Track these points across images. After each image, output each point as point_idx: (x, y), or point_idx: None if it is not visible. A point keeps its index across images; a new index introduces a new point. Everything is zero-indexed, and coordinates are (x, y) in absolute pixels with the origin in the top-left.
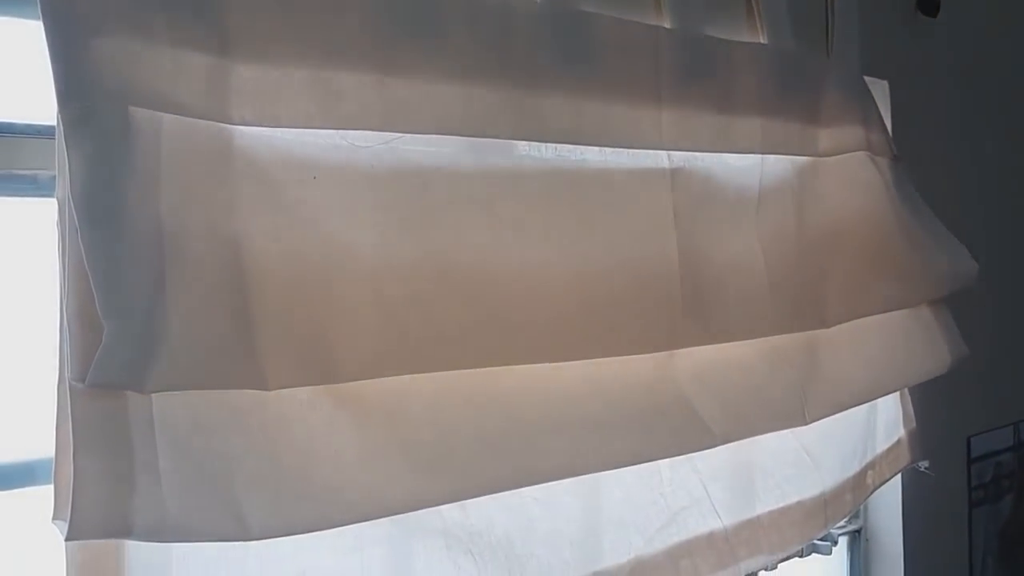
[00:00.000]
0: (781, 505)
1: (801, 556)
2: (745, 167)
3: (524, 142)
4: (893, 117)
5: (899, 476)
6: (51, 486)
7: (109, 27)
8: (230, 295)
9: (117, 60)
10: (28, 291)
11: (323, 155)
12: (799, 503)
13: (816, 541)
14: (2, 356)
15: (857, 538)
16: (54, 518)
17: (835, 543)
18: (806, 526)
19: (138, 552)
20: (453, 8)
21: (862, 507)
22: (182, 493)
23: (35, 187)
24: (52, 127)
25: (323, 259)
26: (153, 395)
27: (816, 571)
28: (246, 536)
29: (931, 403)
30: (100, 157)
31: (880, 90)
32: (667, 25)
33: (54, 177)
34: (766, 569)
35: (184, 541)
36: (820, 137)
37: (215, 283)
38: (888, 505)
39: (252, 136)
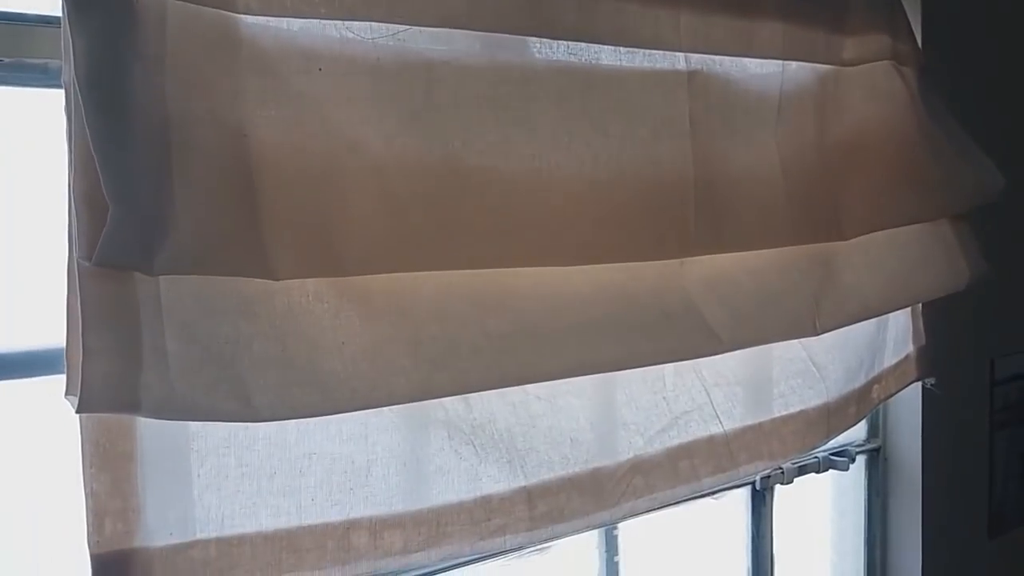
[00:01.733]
0: (783, 413)
1: (818, 472)
2: (766, 73)
3: (536, 40)
4: (924, 26)
5: (919, 396)
6: None
7: None
8: (236, 184)
9: None
10: (39, 179)
11: (328, 47)
12: (802, 412)
13: (833, 457)
14: (19, 245)
15: (876, 457)
16: (66, 394)
17: (853, 460)
18: (808, 435)
19: (149, 431)
20: None
21: (881, 426)
22: (189, 373)
23: (45, 76)
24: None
25: (328, 152)
26: (161, 278)
27: (834, 488)
28: (254, 417)
29: (954, 323)
30: (104, 41)
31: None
32: None
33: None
34: (780, 481)
35: (191, 419)
36: (845, 45)
37: (221, 171)
38: (907, 425)
39: (257, 26)
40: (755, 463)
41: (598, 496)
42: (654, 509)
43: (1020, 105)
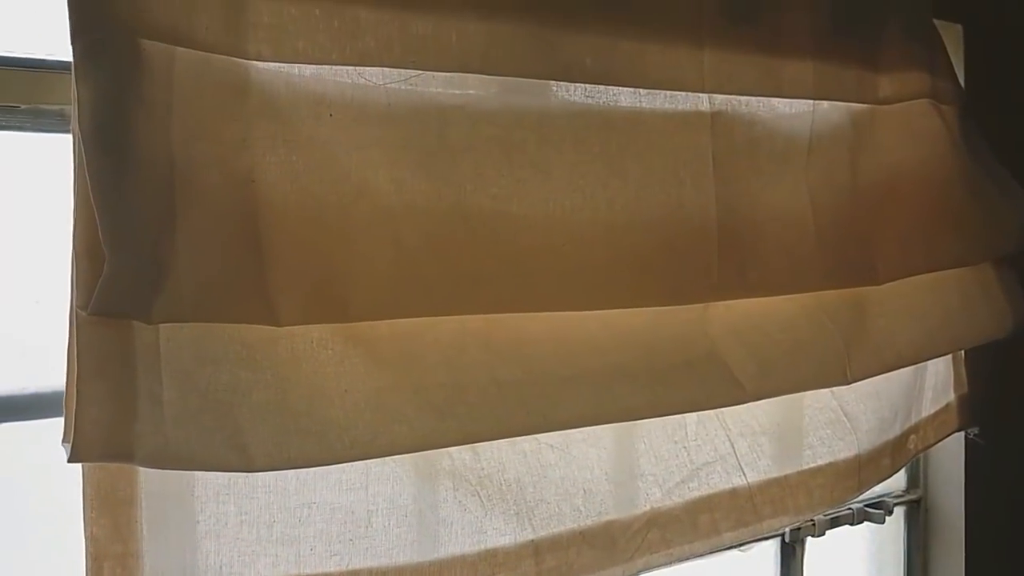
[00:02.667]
0: (811, 466)
1: (852, 524)
2: (795, 113)
3: (552, 83)
4: (966, 64)
5: (962, 445)
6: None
7: None
8: (242, 230)
9: None
10: (54, 224)
11: (340, 92)
12: (831, 464)
13: (868, 509)
14: (31, 289)
15: (916, 508)
16: (63, 441)
17: (890, 512)
18: (837, 488)
19: (151, 476)
20: None
21: (921, 476)
22: (185, 422)
23: (62, 122)
24: None
25: (338, 197)
26: (160, 326)
27: (871, 541)
28: (249, 467)
29: (1008, 369)
30: (110, 89)
31: (953, 35)
32: None
33: None
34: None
35: (186, 469)
36: (880, 83)
37: (227, 217)
38: (950, 475)
39: (269, 72)
40: (780, 517)
41: (611, 551)
42: (670, 564)
43: None
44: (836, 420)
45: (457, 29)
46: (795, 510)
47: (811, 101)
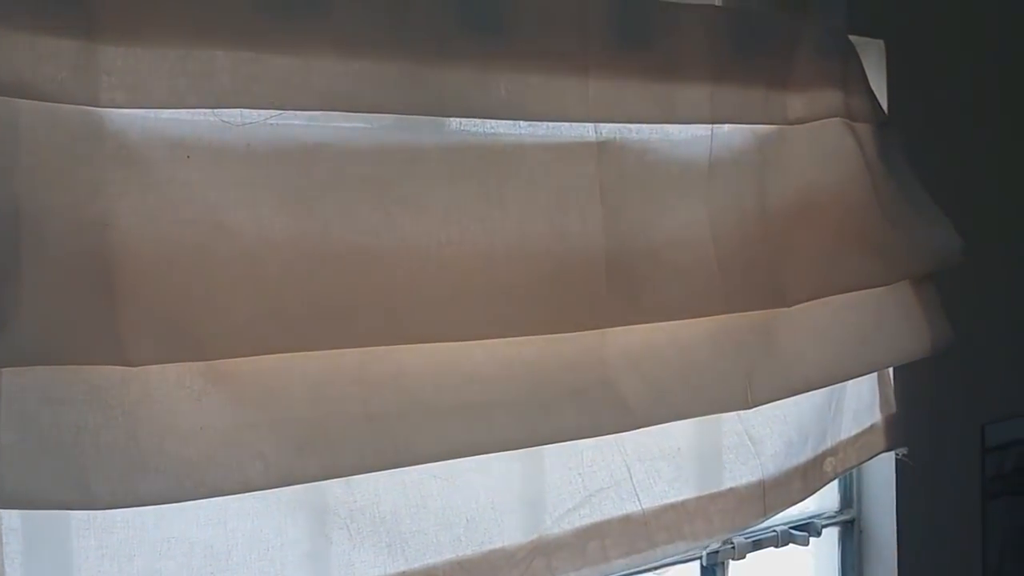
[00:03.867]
0: (711, 491)
1: (777, 546)
2: (693, 139)
3: (424, 118)
4: (889, 82)
5: (892, 466)
6: None
7: None
8: (91, 273)
9: None
10: None
11: (197, 134)
12: (732, 490)
13: (793, 531)
14: None
15: (850, 528)
16: None
17: (818, 534)
18: (739, 514)
19: (11, 512)
20: None
21: (855, 497)
22: (23, 464)
23: None
24: None
25: (195, 237)
26: (3, 370)
27: (805, 562)
28: (92, 505)
29: (939, 388)
30: None
31: (875, 51)
32: None
33: None
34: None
35: (25, 508)
36: (789, 104)
37: (75, 261)
38: (881, 495)
39: (123, 117)
40: (676, 543)
41: None
42: None
43: (1000, 156)
44: (740, 444)
45: (318, 68)
46: (692, 536)
47: (710, 125)
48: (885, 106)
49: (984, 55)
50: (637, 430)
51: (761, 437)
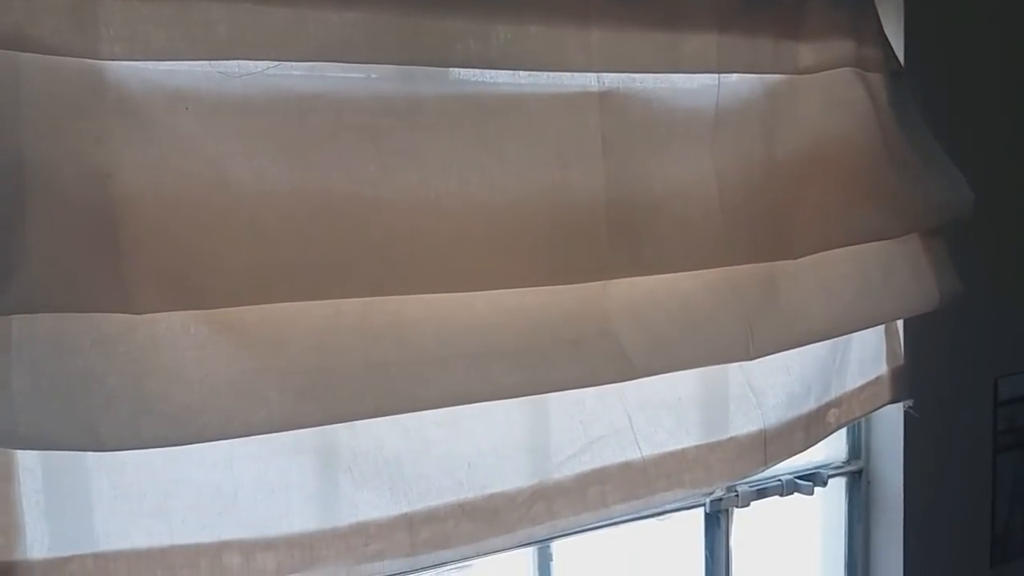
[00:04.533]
0: (712, 440)
1: (781, 495)
2: (699, 88)
3: (422, 68)
4: (907, 30)
5: (901, 417)
6: None
7: None
8: (98, 223)
9: None
10: None
11: (195, 86)
12: (732, 439)
13: (798, 481)
14: None
15: (857, 479)
16: None
17: (824, 484)
18: (739, 463)
19: (28, 453)
20: None
21: (863, 447)
22: (34, 407)
23: None
24: None
25: (195, 188)
26: (14, 317)
27: (811, 511)
28: (99, 447)
29: (953, 341)
30: None
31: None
32: None
33: None
34: (736, 506)
35: (35, 449)
36: (799, 53)
37: (80, 211)
38: (889, 446)
39: (123, 69)
40: (674, 491)
41: (492, 522)
42: (556, 536)
43: (1017, 106)
44: (741, 395)
45: (314, 19)
46: (691, 484)
47: (716, 75)
48: (901, 55)
49: (1004, 5)
50: (638, 380)
51: (763, 388)
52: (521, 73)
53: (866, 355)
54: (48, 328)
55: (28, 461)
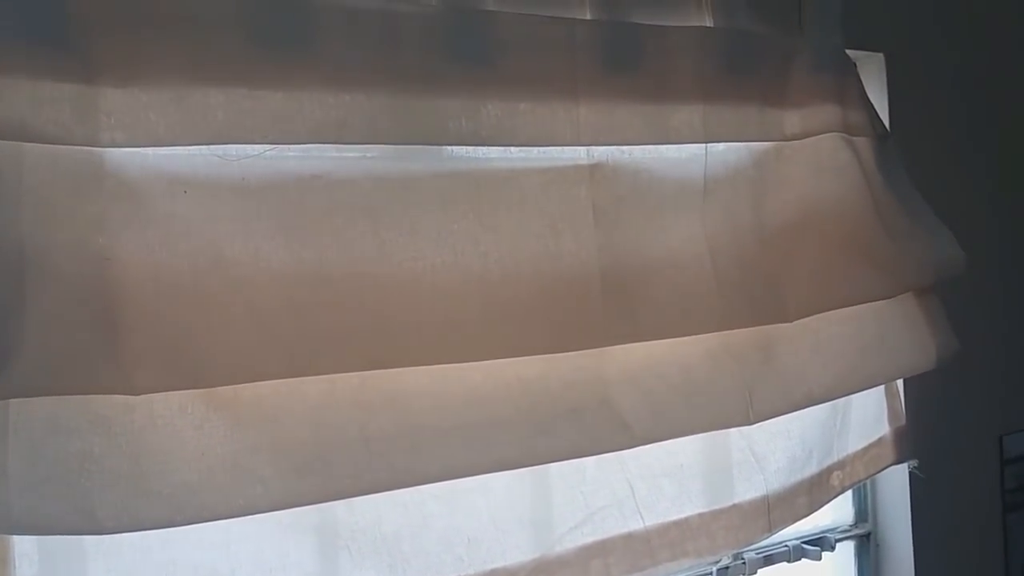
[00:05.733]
0: (715, 508)
1: (789, 561)
2: (687, 158)
3: (416, 147)
4: (890, 95)
5: (907, 478)
6: None
7: None
8: (94, 306)
9: None
10: None
11: (193, 170)
12: (735, 506)
13: (806, 546)
14: None
15: (866, 542)
16: None
17: (832, 548)
18: (743, 530)
19: (23, 540)
20: (328, 18)
21: (870, 510)
22: (31, 491)
23: None
24: None
25: (193, 269)
26: (11, 400)
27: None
28: (97, 530)
29: (956, 400)
30: None
31: (875, 64)
32: (588, 16)
33: None
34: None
35: (31, 534)
36: (785, 120)
37: (78, 295)
38: (896, 508)
39: (122, 155)
40: (678, 560)
41: None
42: None
43: (1001, 165)
44: (743, 460)
45: (309, 101)
46: (695, 553)
47: (703, 144)
48: (886, 119)
49: (985, 66)
50: (638, 448)
51: (765, 453)
52: (512, 148)
53: (867, 416)
54: (45, 411)
55: (24, 546)
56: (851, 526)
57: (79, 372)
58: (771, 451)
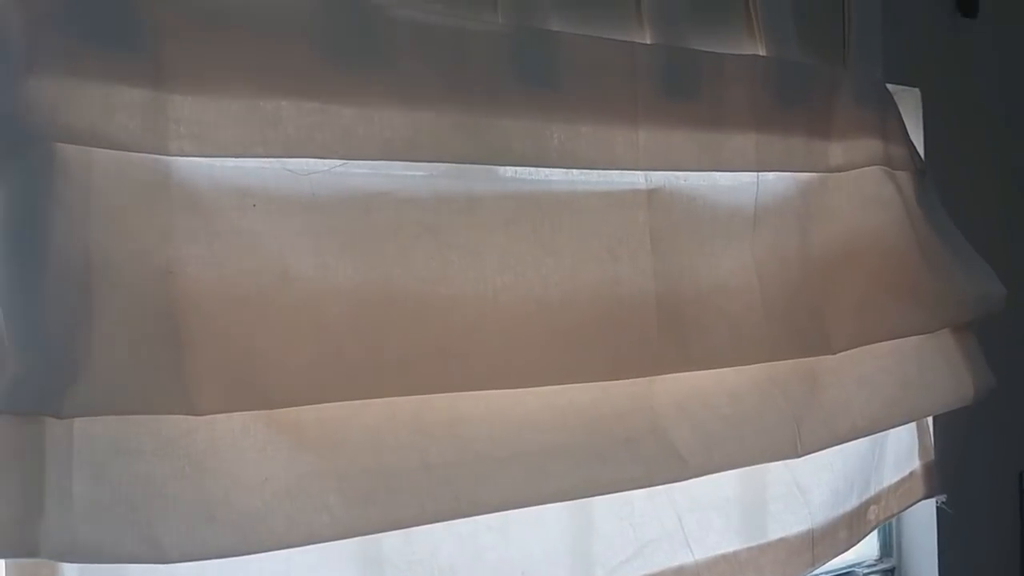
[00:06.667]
0: (762, 541)
1: None
2: (739, 186)
3: (480, 167)
4: (925, 128)
5: (934, 513)
6: None
7: (41, 67)
8: (159, 322)
9: (46, 99)
10: None
11: (263, 183)
12: (782, 540)
13: None
14: None
15: None
16: None
17: None
18: (789, 564)
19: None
20: (400, 33)
21: (895, 545)
22: (94, 516)
23: None
24: None
25: (260, 285)
26: (75, 420)
27: None
28: (161, 559)
29: (978, 435)
30: (23, 193)
31: (911, 99)
32: (648, 40)
33: None
34: None
35: (96, 562)
36: (830, 152)
37: (144, 310)
38: (922, 544)
39: (191, 166)
40: None
41: None
42: None
43: None
44: (789, 493)
45: (380, 118)
46: None
47: (755, 173)
48: (922, 153)
49: (1019, 103)
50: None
51: (809, 486)
52: (573, 171)
53: (901, 451)
54: (108, 431)
55: (71, 570)
56: (876, 560)
57: (142, 391)
58: (815, 484)
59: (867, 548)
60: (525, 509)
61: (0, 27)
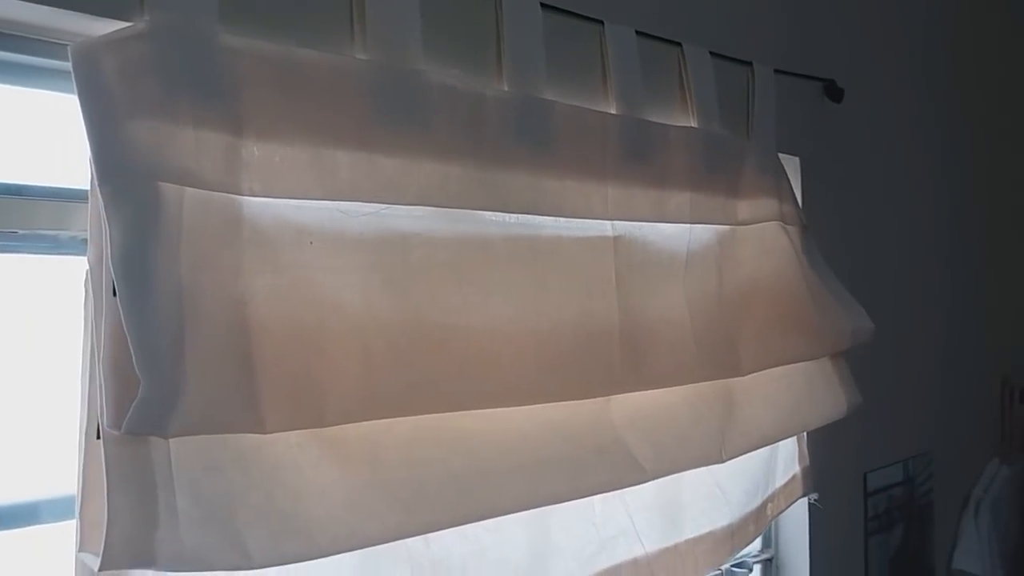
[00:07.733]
0: (695, 535)
1: None
2: (676, 234)
3: (491, 213)
4: (803, 190)
5: (806, 510)
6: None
7: (141, 111)
8: (235, 348)
9: (148, 141)
10: (47, 341)
11: (319, 223)
12: (710, 533)
13: (734, 569)
14: (12, 403)
15: (769, 565)
16: (80, 550)
17: (750, 570)
18: (716, 553)
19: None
20: (434, 96)
21: (773, 537)
22: (195, 529)
23: (55, 246)
24: (69, 189)
25: (315, 316)
26: (171, 440)
27: None
28: (249, 565)
29: (834, 443)
30: (134, 228)
31: (792, 166)
32: (613, 111)
33: (73, 237)
34: None
35: (198, 571)
36: (739, 208)
37: (224, 338)
38: (796, 536)
39: (258, 205)
40: None
41: None
42: None
43: (884, 258)
44: (712, 494)
45: (417, 169)
46: (683, 574)
47: (688, 225)
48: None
49: (882, 169)
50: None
51: (728, 487)
52: (560, 219)
53: (787, 456)
54: (196, 449)
55: None
56: (759, 552)
57: (225, 411)
58: (733, 485)
59: (753, 543)
60: (522, 512)
61: (101, 72)
